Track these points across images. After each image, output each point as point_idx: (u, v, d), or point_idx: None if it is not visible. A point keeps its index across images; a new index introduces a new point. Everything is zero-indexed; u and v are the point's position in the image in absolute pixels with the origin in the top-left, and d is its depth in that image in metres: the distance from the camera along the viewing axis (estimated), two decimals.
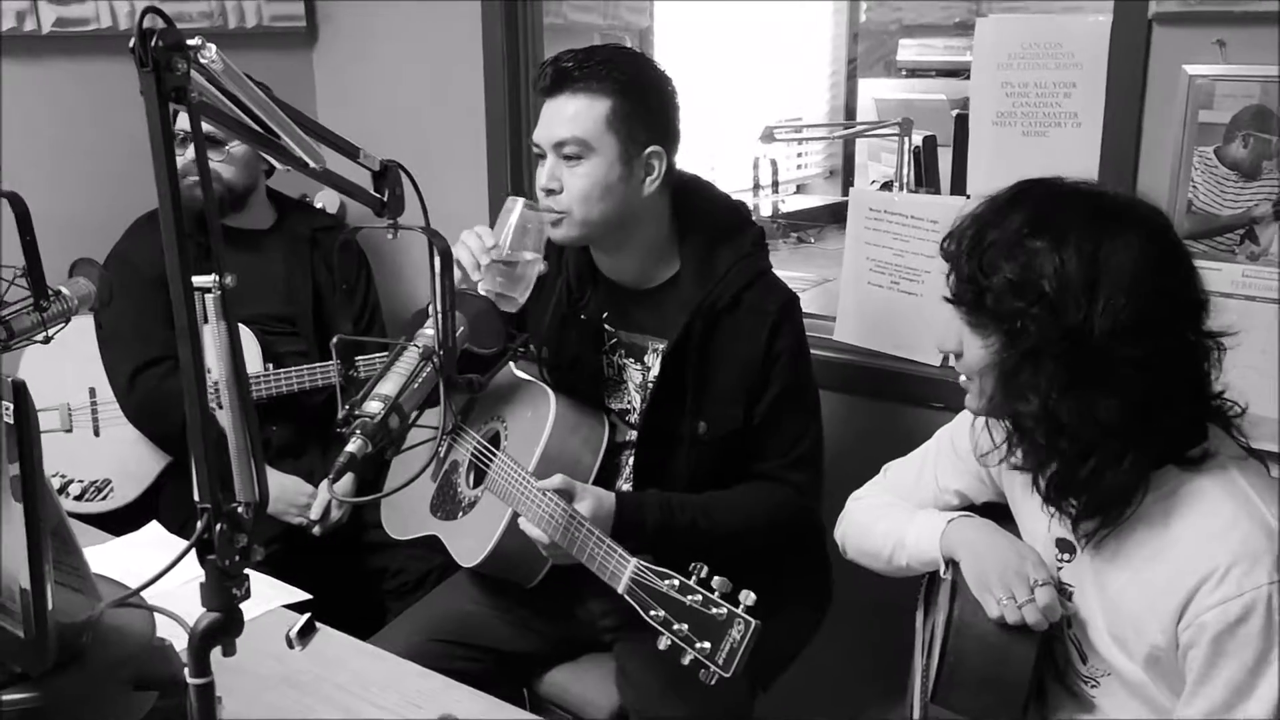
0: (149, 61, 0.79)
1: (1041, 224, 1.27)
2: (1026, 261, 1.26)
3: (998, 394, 1.34)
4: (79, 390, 2.42)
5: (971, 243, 1.32)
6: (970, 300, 1.32)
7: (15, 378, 1.07)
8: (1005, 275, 1.27)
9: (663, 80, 1.79)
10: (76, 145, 2.59)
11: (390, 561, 2.37)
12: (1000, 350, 1.31)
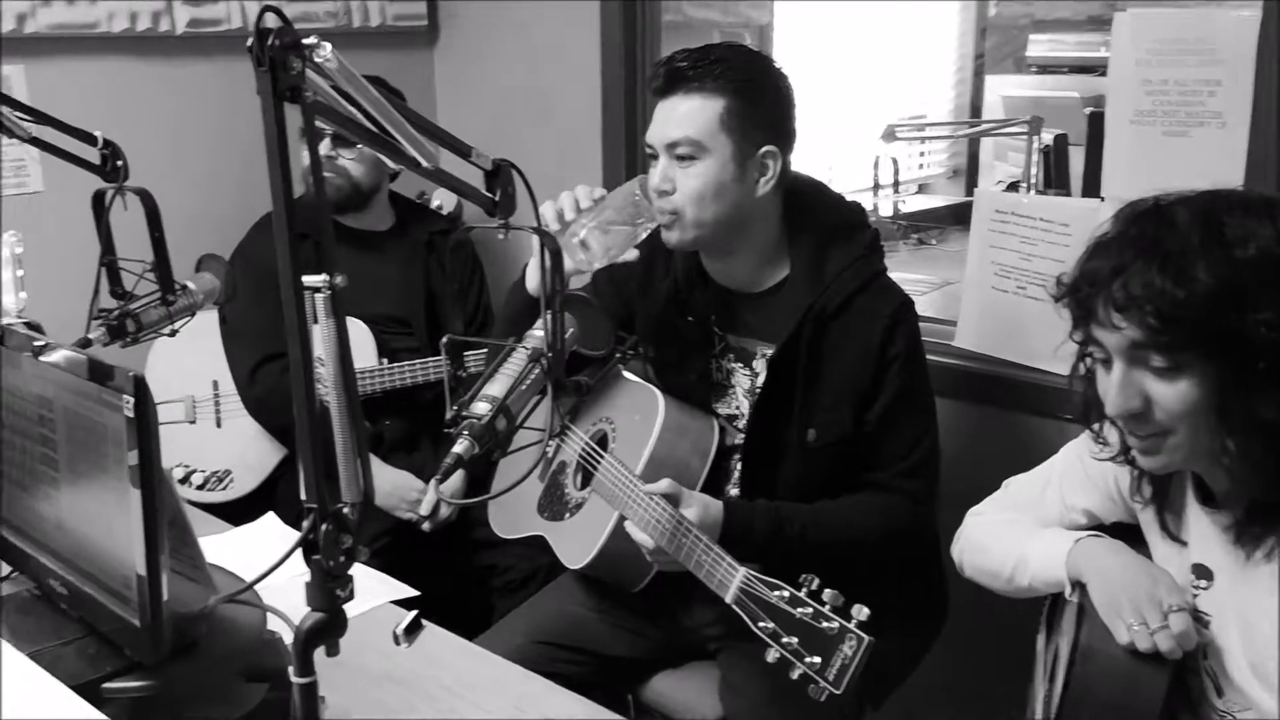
0: (265, 61, 0.79)
1: (1211, 225, 1.17)
2: (1222, 261, 1.14)
3: (1209, 433, 1.21)
4: (203, 383, 2.49)
5: (1141, 277, 1.17)
6: (1164, 336, 1.17)
7: (135, 372, 1.09)
8: (1203, 284, 1.14)
9: (779, 79, 1.75)
10: (205, 143, 2.67)
11: (498, 559, 2.38)
12: (1213, 380, 1.17)
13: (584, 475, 1.87)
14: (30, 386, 1.30)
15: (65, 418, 1.24)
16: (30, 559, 1.38)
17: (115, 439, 1.13)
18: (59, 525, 1.30)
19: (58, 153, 1.56)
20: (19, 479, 1.38)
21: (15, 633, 1.29)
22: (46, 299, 1.68)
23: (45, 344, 1.27)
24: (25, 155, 2.37)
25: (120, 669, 1.19)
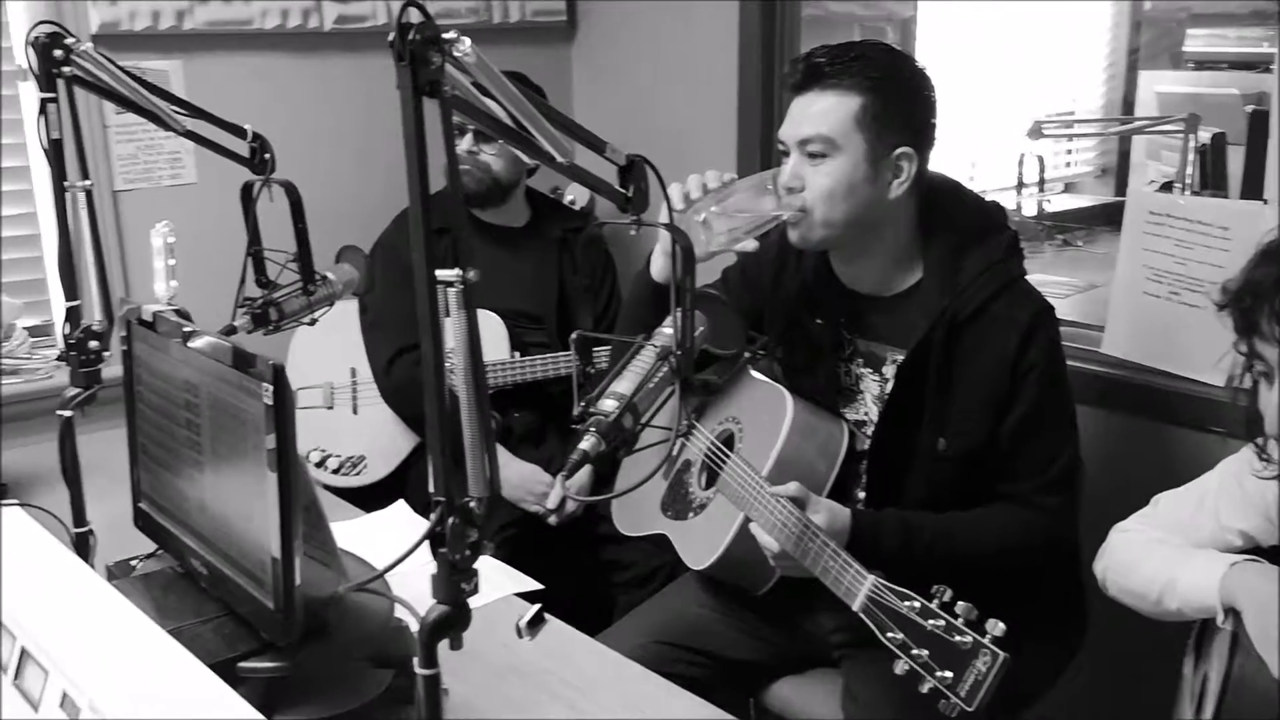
0: (406, 55, 0.79)
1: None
2: None
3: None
4: (341, 370, 2.55)
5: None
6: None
7: (275, 361, 1.12)
8: None
9: (920, 79, 1.70)
10: (349, 137, 2.74)
11: (621, 555, 2.38)
12: None
13: (709, 475, 1.85)
14: (178, 372, 1.35)
15: (209, 403, 1.28)
16: (174, 538, 1.43)
17: (255, 425, 1.16)
18: (201, 506, 1.35)
19: (210, 145, 1.61)
20: (166, 460, 1.43)
21: (159, 608, 1.34)
22: (196, 287, 1.74)
23: (193, 331, 1.31)
24: (181, 148, 2.47)
25: (254, 649, 1.23)
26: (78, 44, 1.39)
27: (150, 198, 2.46)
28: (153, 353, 1.43)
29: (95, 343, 1.47)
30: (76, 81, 1.41)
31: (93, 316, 1.48)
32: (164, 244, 1.50)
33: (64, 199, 1.43)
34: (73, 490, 1.51)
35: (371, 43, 2.72)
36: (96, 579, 1.25)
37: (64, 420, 1.48)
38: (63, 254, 1.45)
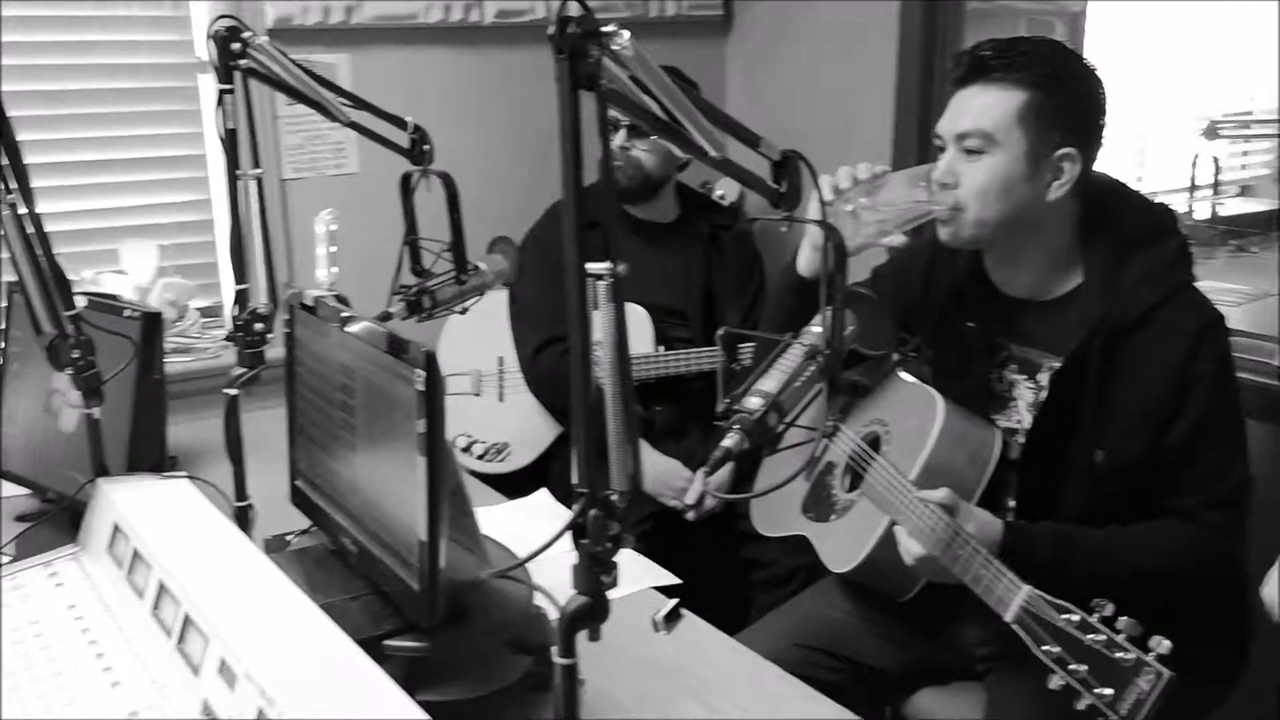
0: (564, 48, 0.80)
1: None
2: None
3: None
4: (489, 358, 2.60)
5: None
6: None
7: (427, 348, 1.14)
8: None
9: (1088, 78, 1.63)
10: (505, 130, 2.79)
11: (761, 553, 2.36)
12: None
13: (853, 477, 1.82)
14: (335, 355, 1.39)
15: (364, 386, 1.32)
16: (327, 516, 1.48)
17: (406, 409, 1.19)
18: (353, 487, 1.39)
19: (372, 136, 1.65)
20: (322, 440, 1.48)
21: (310, 582, 1.39)
22: (354, 273, 1.80)
23: (350, 316, 1.36)
24: (345, 139, 2.56)
25: (399, 628, 1.26)
26: (254, 38, 1.45)
27: (314, 186, 2.56)
28: (313, 336, 1.48)
29: (260, 325, 1.54)
30: (252, 74, 1.47)
31: (259, 299, 1.54)
32: (326, 231, 1.55)
33: (236, 186, 1.50)
34: (235, 466, 1.58)
35: (529, 37, 2.76)
36: (255, 552, 1.31)
37: (229, 398, 1.55)
38: (233, 239, 1.51)
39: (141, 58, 2.40)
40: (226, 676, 1.07)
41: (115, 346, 1.59)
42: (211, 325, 2.57)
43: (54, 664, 1.25)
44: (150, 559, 1.30)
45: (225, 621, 1.13)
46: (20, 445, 1.89)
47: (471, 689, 1.27)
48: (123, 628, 1.29)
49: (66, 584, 1.41)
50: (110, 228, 2.42)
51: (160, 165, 2.47)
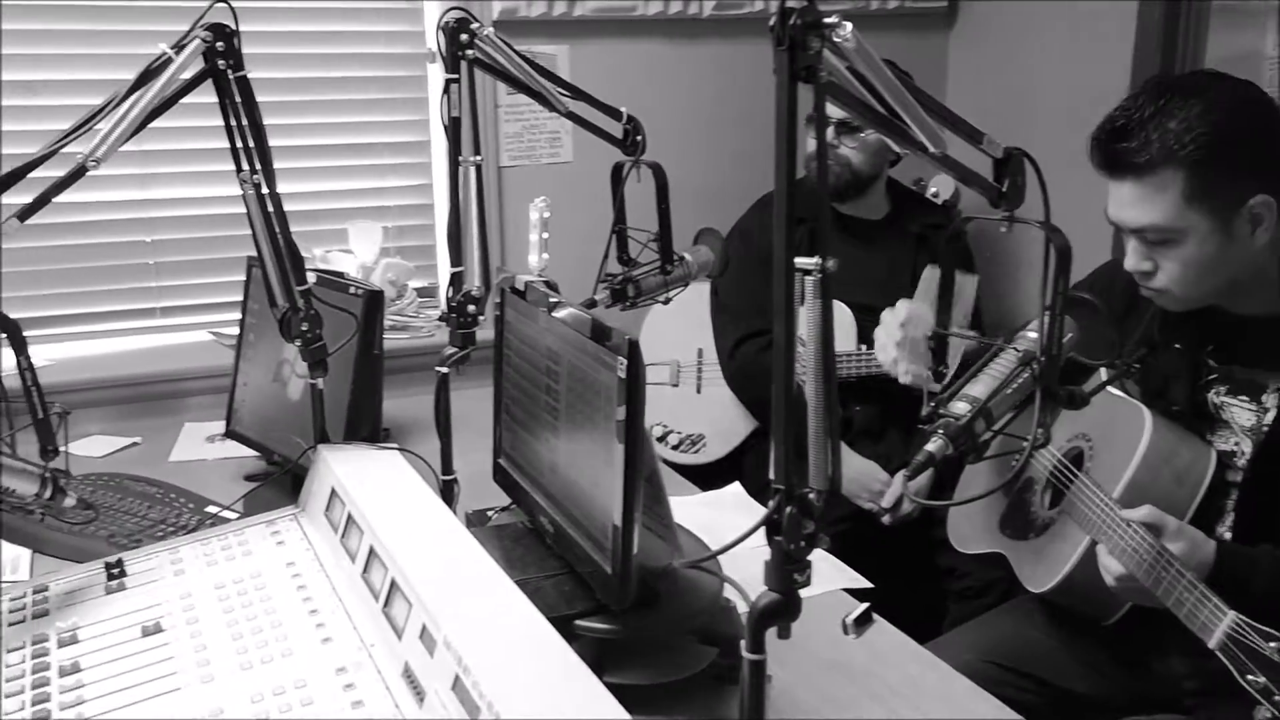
0: (785, 40, 0.79)
1: None
2: None
3: None
4: (689, 350, 2.62)
5: None
6: None
7: (630, 336, 1.16)
8: None
9: (1258, 114, 1.48)
10: (716, 122, 2.80)
11: (956, 563, 2.29)
12: None
13: (1054, 494, 1.74)
14: (542, 339, 1.43)
15: (568, 371, 1.35)
16: (526, 495, 1.53)
17: (607, 395, 1.21)
18: (553, 468, 1.42)
19: (587, 126, 1.69)
20: (525, 422, 1.53)
21: (508, 559, 1.43)
22: (561, 260, 1.84)
23: (558, 302, 1.39)
24: (560, 128, 2.62)
25: (589, 609, 1.28)
26: (481, 29, 1.50)
27: (529, 174, 2.63)
28: (522, 320, 1.52)
29: (473, 307, 1.59)
30: (477, 64, 1.52)
31: (473, 283, 1.59)
32: (540, 218, 1.59)
33: (457, 172, 1.55)
34: (443, 441, 1.65)
35: (745, 29, 2.76)
36: (458, 525, 1.36)
37: (440, 376, 1.61)
38: (451, 224, 1.57)
39: (376, 48, 2.52)
40: (426, 642, 1.12)
41: (340, 321, 1.68)
42: (427, 305, 2.67)
43: (273, 615, 1.33)
44: (362, 524, 1.37)
45: (427, 590, 1.17)
46: (251, 410, 2.02)
47: (657, 675, 1.28)
48: (335, 588, 1.37)
49: (287, 542, 1.50)
50: (340, 209, 2.56)
51: (388, 151, 2.59)
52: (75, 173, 1.31)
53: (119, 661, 1.28)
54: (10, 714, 1.20)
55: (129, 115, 1.32)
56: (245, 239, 2.36)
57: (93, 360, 2.35)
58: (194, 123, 1.58)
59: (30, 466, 1.36)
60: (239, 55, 1.40)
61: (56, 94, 2.26)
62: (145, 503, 1.84)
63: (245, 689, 1.19)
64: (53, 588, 1.47)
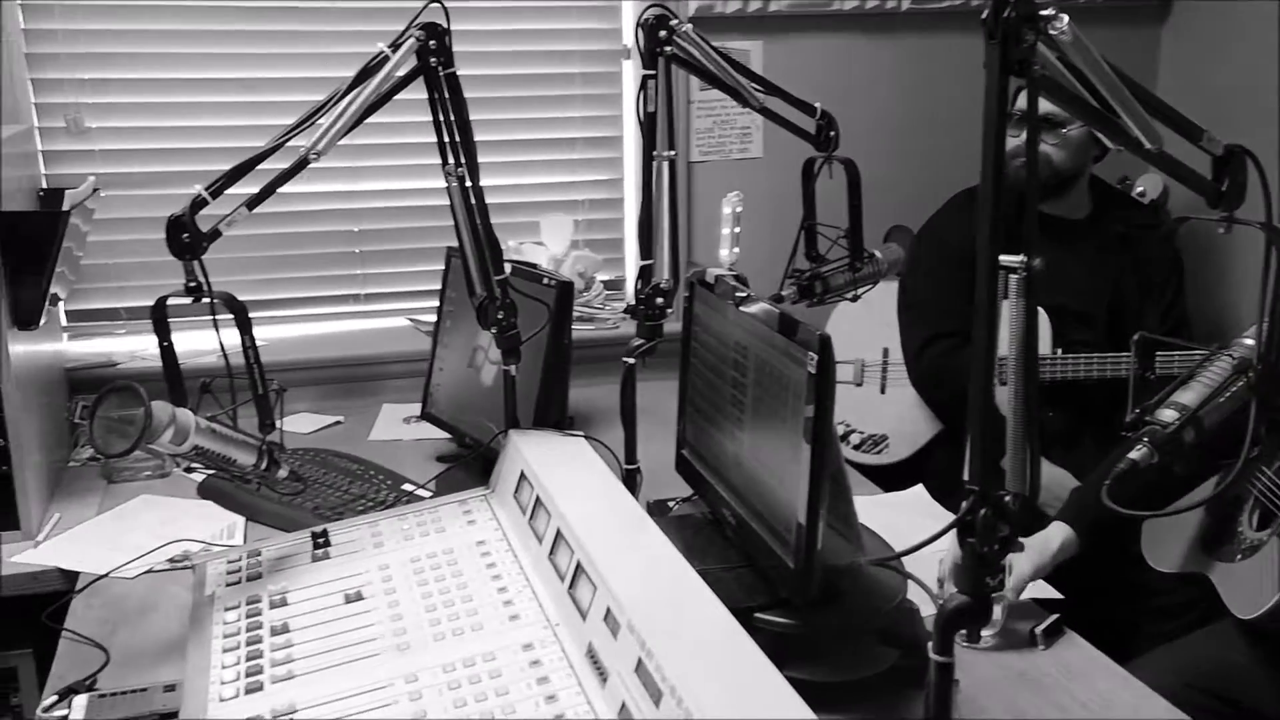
0: (998, 32, 0.77)
1: None
2: None
3: None
4: (874, 348, 2.58)
5: None
6: None
7: (822, 332, 1.16)
8: None
9: None
10: (910, 118, 2.74)
11: (1153, 580, 2.18)
12: None
13: (1262, 515, 1.64)
14: (731, 333, 1.44)
15: (756, 365, 1.35)
16: (709, 486, 1.54)
17: (796, 391, 1.21)
18: (737, 462, 1.43)
19: (780, 121, 1.68)
20: (710, 414, 1.54)
21: (688, 549, 1.44)
22: (748, 255, 1.83)
23: (748, 296, 1.39)
24: (751, 124, 2.62)
25: (769, 603, 1.29)
26: (679, 25, 1.52)
27: (718, 170, 2.64)
28: (710, 313, 1.54)
29: (661, 300, 1.61)
30: (675, 60, 1.54)
31: (662, 275, 1.62)
32: (733, 213, 1.60)
33: (651, 167, 1.57)
34: (627, 430, 1.68)
35: (945, 23, 2.69)
36: (643, 513, 1.39)
37: (627, 367, 1.64)
38: (643, 217, 1.60)
39: (572, 45, 2.58)
40: (610, 624, 1.15)
41: (533, 311, 1.73)
42: (613, 298, 2.72)
43: (464, 590, 1.39)
44: (550, 507, 1.41)
45: (613, 574, 1.20)
46: (446, 394, 2.11)
47: (836, 672, 1.27)
48: (523, 567, 1.42)
49: (477, 521, 1.56)
50: (533, 202, 2.63)
51: (581, 146, 2.65)
52: (299, 164, 1.39)
53: (324, 625, 1.36)
54: (227, 667, 1.29)
55: (348, 110, 1.40)
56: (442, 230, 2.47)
57: (300, 342, 2.49)
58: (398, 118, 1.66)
59: (250, 439, 1.45)
60: (449, 53, 1.46)
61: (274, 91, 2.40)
62: (347, 478, 1.94)
63: (438, 658, 1.24)
64: (265, 553, 1.57)
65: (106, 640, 1.45)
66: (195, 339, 1.84)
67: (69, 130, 2.27)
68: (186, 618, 1.47)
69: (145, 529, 1.79)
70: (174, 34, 2.32)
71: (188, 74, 2.35)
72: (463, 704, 1.15)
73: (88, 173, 2.22)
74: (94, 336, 2.39)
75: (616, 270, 2.77)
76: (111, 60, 2.29)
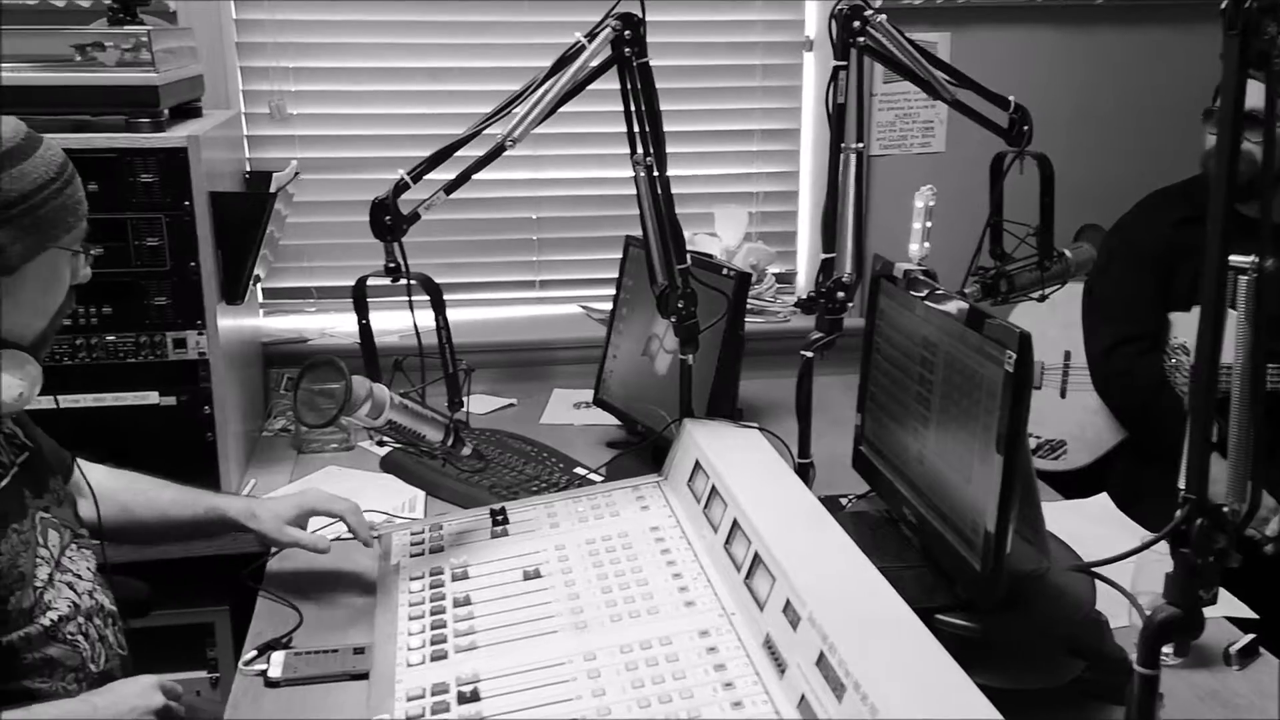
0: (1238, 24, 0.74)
1: None
2: None
3: None
4: (1054, 350, 2.49)
5: None
6: None
7: (1021, 329, 1.12)
8: None
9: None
10: (1108, 113, 2.63)
11: None
12: None
13: None
14: (919, 329, 1.42)
15: (945, 362, 1.33)
16: (888, 484, 1.52)
17: (990, 390, 1.18)
18: (920, 460, 1.41)
19: (972, 115, 1.65)
20: (893, 411, 1.52)
21: (866, 545, 1.43)
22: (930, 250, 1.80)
23: (940, 292, 1.37)
24: (935, 118, 2.56)
25: (951, 604, 1.26)
26: (874, 16, 1.50)
27: (897, 163, 2.59)
28: (897, 309, 1.51)
29: (842, 294, 1.60)
30: (867, 50, 1.52)
31: (844, 269, 1.60)
32: (925, 206, 1.57)
33: (838, 159, 1.56)
34: (802, 424, 1.67)
35: (1145, 15, 2.57)
36: (821, 508, 1.38)
37: (805, 360, 1.63)
38: (828, 210, 1.58)
39: (754, 36, 2.57)
40: (790, 616, 1.14)
41: (709, 301, 1.74)
42: (784, 291, 2.70)
43: (639, 574, 1.41)
44: (726, 497, 1.42)
45: (792, 567, 1.20)
46: (619, 381, 2.13)
47: (1016, 680, 1.24)
48: (697, 555, 1.43)
49: (651, 508, 1.58)
50: (708, 193, 2.64)
51: (758, 138, 2.64)
52: (494, 151, 1.44)
53: (503, 600, 1.40)
54: (414, 634, 1.35)
55: (544, 99, 1.43)
56: (616, 219, 2.50)
57: (477, 325, 2.56)
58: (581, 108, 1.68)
59: (439, 416, 1.51)
60: (644, 43, 1.48)
61: (460, 81, 2.47)
62: (521, 459, 1.99)
63: (615, 639, 1.27)
64: (446, 527, 1.63)
65: (298, 601, 1.52)
66: (383, 318, 1.91)
67: (272, 116, 2.39)
68: (372, 584, 1.54)
69: None
70: (372, 24, 2.41)
71: (382, 63, 2.44)
72: (640, 685, 1.17)
73: (286, 157, 2.33)
74: (286, 314, 2.51)
75: (788, 264, 2.76)
76: (313, 50, 2.40)
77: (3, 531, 1.23)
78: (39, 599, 1.25)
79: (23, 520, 1.28)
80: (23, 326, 1.25)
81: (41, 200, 1.21)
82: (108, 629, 1.36)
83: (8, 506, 1.26)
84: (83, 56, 1.73)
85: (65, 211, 1.25)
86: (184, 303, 1.78)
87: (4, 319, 1.22)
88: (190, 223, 1.75)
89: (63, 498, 1.41)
